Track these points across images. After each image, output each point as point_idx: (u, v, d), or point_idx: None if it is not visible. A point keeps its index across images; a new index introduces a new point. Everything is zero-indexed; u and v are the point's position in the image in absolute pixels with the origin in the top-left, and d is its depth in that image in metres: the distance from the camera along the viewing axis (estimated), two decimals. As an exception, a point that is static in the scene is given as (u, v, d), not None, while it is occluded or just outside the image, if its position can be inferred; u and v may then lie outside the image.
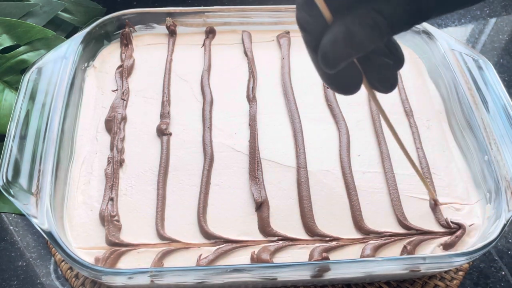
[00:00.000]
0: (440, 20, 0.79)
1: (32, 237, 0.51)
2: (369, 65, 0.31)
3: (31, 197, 0.41)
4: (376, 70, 0.31)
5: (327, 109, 0.54)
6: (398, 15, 0.26)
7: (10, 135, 0.44)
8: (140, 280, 0.39)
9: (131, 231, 0.43)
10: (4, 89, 0.56)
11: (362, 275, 0.43)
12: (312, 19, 0.28)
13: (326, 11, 0.27)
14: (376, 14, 0.26)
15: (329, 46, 0.27)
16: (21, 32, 0.57)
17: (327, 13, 0.27)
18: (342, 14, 0.27)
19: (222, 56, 0.59)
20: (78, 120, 0.51)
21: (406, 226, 0.44)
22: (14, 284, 0.48)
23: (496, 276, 0.50)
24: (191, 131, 0.51)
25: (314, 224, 0.44)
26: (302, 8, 0.28)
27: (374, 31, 0.26)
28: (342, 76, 0.30)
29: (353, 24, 0.26)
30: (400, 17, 0.26)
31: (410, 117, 0.53)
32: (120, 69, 0.56)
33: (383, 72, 0.31)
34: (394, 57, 0.31)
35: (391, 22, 0.26)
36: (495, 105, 0.49)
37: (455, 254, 0.40)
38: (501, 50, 0.75)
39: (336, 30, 0.27)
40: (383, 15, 0.26)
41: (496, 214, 0.43)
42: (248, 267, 0.39)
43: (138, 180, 0.47)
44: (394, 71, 0.32)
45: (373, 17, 0.26)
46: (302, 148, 0.50)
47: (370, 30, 0.26)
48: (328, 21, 0.27)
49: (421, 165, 0.49)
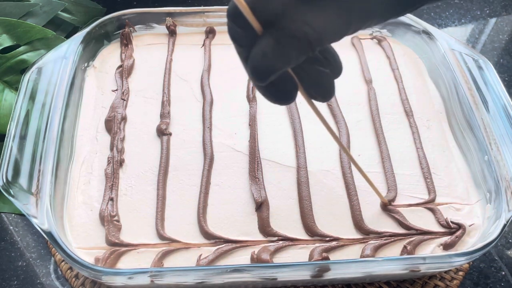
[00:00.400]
0: (440, 20, 0.79)
1: (32, 237, 0.51)
2: (304, 74, 0.30)
3: (31, 197, 0.41)
4: (312, 79, 0.31)
5: (327, 109, 0.54)
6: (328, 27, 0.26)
7: (10, 135, 0.44)
8: (140, 280, 0.39)
9: (131, 231, 0.43)
10: (4, 89, 0.56)
11: (362, 275, 0.43)
12: (242, 31, 0.27)
13: (255, 23, 0.26)
14: (305, 26, 0.25)
15: (258, 59, 0.26)
16: (21, 32, 0.57)
17: (257, 25, 0.26)
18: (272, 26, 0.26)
19: (222, 56, 0.59)
20: (78, 120, 0.51)
21: (406, 226, 0.44)
22: (14, 284, 0.48)
23: (496, 276, 0.50)
24: (191, 131, 0.51)
25: (314, 224, 0.44)
26: (232, 19, 0.27)
27: (303, 43, 0.26)
28: (277, 86, 0.30)
29: (282, 36, 0.26)
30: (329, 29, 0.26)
31: (410, 117, 0.53)
32: (120, 69, 0.56)
33: (319, 81, 0.31)
34: (331, 66, 0.31)
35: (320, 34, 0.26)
36: (495, 105, 0.49)
37: (455, 254, 0.40)
38: (501, 50, 0.75)
39: (265, 42, 0.26)
40: (312, 27, 0.25)
41: (496, 214, 0.43)
42: (248, 267, 0.39)
43: (138, 180, 0.47)
44: (331, 80, 0.31)
45: (302, 29, 0.25)
46: (302, 148, 0.50)
47: (299, 42, 0.26)
48: (258, 33, 0.27)
49: (421, 165, 0.49)
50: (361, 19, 0.26)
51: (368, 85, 0.56)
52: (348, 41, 0.62)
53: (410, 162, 0.49)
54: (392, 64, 0.59)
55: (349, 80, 0.57)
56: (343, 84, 0.56)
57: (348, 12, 0.26)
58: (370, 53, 0.60)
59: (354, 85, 0.57)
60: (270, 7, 0.26)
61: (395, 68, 0.58)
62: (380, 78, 0.57)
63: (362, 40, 0.61)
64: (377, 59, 0.60)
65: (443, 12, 0.81)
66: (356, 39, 0.61)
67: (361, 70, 0.58)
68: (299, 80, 0.30)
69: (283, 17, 0.26)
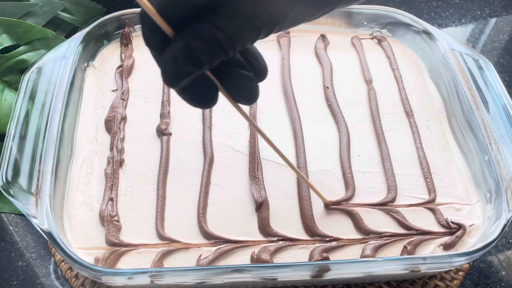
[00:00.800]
0: (441, 20, 0.79)
1: (32, 237, 0.51)
2: (225, 77, 0.30)
3: (31, 197, 0.41)
4: (233, 82, 0.30)
5: (327, 109, 0.54)
6: (238, 30, 0.26)
7: (10, 135, 0.44)
8: (140, 280, 0.39)
9: (131, 231, 0.43)
10: (4, 89, 0.56)
11: (362, 275, 0.43)
12: (155, 34, 0.26)
13: (166, 27, 0.26)
14: (215, 29, 0.25)
15: (168, 63, 0.26)
16: (21, 32, 0.57)
17: (167, 29, 0.26)
18: (183, 29, 0.26)
19: (222, 56, 0.59)
20: (78, 120, 0.51)
21: (406, 226, 0.44)
22: (14, 284, 0.48)
23: (496, 276, 0.50)
24: (191, 131, 0.51)
25: (314, 224, 0.44)
26: (143, 23, 0.27)
27: (214, 47, 0.25)
28: (195, 89, 0.29)
29: (192, 40, 0.25)
30: (239, 32, 0.26)
31: (410, 117, 0.53)
32: (120, 69, 0.56)
33: (241, 85, 0.30)
34: (254, 69, 0.30)
35: (231, 38, 0.26)
36: (495, 105, 0.49)
37: (455, 254, 0.40)
38: (501, 50, 0.75)
39: (175, 46, 0.26)
40: (222, 31, 0.25)
41: (496, 214, 0.43)
42: (248, 267, 0.39)
43: (138, 180, 0.47)
44: (255, 83, 0.31)
45: (212, 33, 0.25)
46: (302, 148, 0.49)
47: (210, 46, 0.25)
48: (170, 36, 0.26)
49: (421, 165, 0.49)
50: (270, 23, 0.26)
51: (368, 85, 0.56)
52: (348, 41, 0.62)
53: (410, 162, 0.49)
54: (392, 64, 0.59)
55: (349, 80, 0.57)
56: (343, 84, 0.56)
57: (257, 17, 0.26)
58: (370, 53, 0.60)
59: (354, 85, 0.57)
60: (178, 11, 0.25)
61: (395, 68, 0.58)
62: (380, 78, 0.57)
63: (362, 40, 0.61)
64: (377, 59, 0.60)
65: (443, 12, 0.80)
66: (356, 39, 0.61)
67: (361, 70, 0.58)
68: (221, 83, 0.30)
69: (193, 20, 0.25)
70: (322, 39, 0.61)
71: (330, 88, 0.55)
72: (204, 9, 0.25)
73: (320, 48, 0.60)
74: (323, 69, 0.58)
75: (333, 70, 0.58)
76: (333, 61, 0.58)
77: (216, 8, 0.25)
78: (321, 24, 0.62)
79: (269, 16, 0.26)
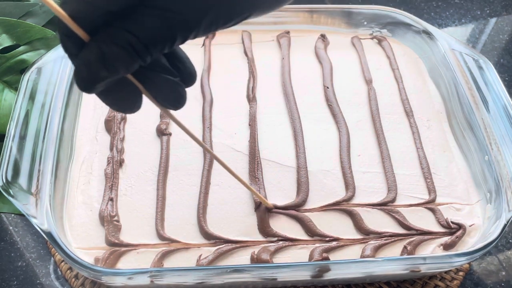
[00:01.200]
0: (441, 20, 0.79)
1: (31, 237, 0.51)
2: (149, 82, 0.29)
3: (31, 197, 0.41)
4: (159, 87, 0.30)
5: (327, 109, 0.54)
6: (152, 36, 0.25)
7: (9, 135, 0.44)
8: (140, 280, 0.39)
9: (131, 231, 0.43)
10: (3, 89, 0.56)
11: (362, 275, 0.43)
12: (71, 39, 0.26)
13: (80, 32, 0.25)
14: (128, 34, 0.25)
15: (81, 68, 0.26)
16: (20, 32, 0.57)
17: (82, 34, 0.25)
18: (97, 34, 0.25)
19: (222, 56, 0.59)
20: (78, 120, 0.51)
21: (406, 227, 0.44)
22: (13, 284, 0.48)
23: (497, 276, 0.50)
24: (191, 131, 0.51)
25: (314, 224, 0.44)
26: (59, 28, 0.26)
27: (128, 52, 0.25)
28: (115, 94, 0.29)
29: (105, 45, 0.25)
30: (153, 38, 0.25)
31: (410, 117, 0.53)
32: (120, 69, 0.56)
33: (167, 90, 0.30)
34: (180, 74, 0.30)
35: (145, 43, 0.25)
36: (495, 105, 0.49)
37: (455, 254, 0.40)
38: (502, 50, 0.75)
39: (89, 51, 0.25)
40: (136, 35, 0.25)
41: (496, 214, 0.43)
42: (248, 267, 0.39)
43: (138, 180, 0.47)
44: (181, 89, 0.31)
45: (125, 38, 0.25)
46: (302, 148, 0.49)
47: (124, 52, 0.25)
48: (86, 41, 0.26)
49: (421, 165, 0.49)
50: (183, 30, 0.26)
51: (368, 85, 0.56)
52: (348, 41, 0.62)
53: (410, 162, 0.49)
54: (392, 64, 0.59)
55: (349, 80, 0.57)
56: (343, 84, 0.56)
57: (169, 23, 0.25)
58: (370, 53, 0.60)
59: (354, 85, 0.57)
60: (92, 16, 0.25)
61: (395, 68, 0.58)
62: (380, 78, 0.57)
63: (362, 40, 0.61)
64: (377, 59, 0.60)
65: (443, 12, 0.80)
66: (356, 39, 0.61)
67: (361, 70, 0.58)
68: (146, 88, 0.30)
69: (107, 25, 0.25)
70: (322, 39, 0.61)
71: (330, 88, 0.55)
72: (118, 14, 0.25)
73: (320, 48, 0.60)
74: (323, 69, 0.58)
75: (333, 70, 0.58)
76: (333, 61, 0.58)
77: (130, 14, 0.25)
78: (321, 24, 0.62)
79: (182, 22, 0.26)
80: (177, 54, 0.30)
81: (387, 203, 0.46)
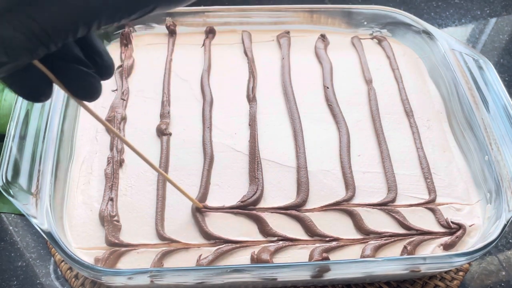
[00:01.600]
0: (441, 20, 0.79)
1: (31, 237, 0.51)
2: (62, 72, 0.29)
3: (31, 197, 0.41)
4: (71, 78, 0.30)
5: (327, 109, 0.54)
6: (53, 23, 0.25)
7: (9, 135, 0.44)
8: (140, 280, 0.39)
9: (131, 231, 0.43)
10: (3, 89, 0.56)
11: (362, 275, 0.43)
12: None
13: None
14: (29, 20, 0.24)
15: None
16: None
17: None
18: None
19: (222, 56, 0.59)
20: (78, 120, 0.51)
21: (406, 227, 0.44)
22: (13, 284, 0.48)
23: (497, 276, 0.50)
24: (191, 131, 0.51)
25: (314, 224, 0.44)
26: None
27: (29, 38, 0.25)
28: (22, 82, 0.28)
29: (5, 31, 0.24)
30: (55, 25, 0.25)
31: (410, 117, 0.53)
32: (120, 69, 0.56)
33: (80, 81, 0.30)
34: (96, 66, 0.30)
35: (46, 31, 0.25)
36: (495, 105, 0.49)
37: (455, 254, 0.40)
38: (502, 50, 0.75)
39: None
40: (37, 22, 0.24)
41: (496, 214, 0.43)
42: (248, 267, 0.39)
43: (138, 180, 0.47)
44: (95, 81, 0.30)
45: (26, 23, 0.24)
46: (302, 148, 0.49)
47: (25, 38, 0.25)
48: None
49: (421, 165, 0.49)
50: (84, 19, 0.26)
51: (368, 85, 0.56)
52: (348, 41, 0.62)
53: (410, 162, 0.49)
54: (392, 64, 0.59)
55: (349, 80, 0.57)
56: (343, 84, 0.56)
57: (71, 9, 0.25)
58: (370, 53, 0.60)
59: (354, 85, 0.57)
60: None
61: (395, 68, 0.58)
62: (380, 78, 0.57)
63: (362, 40, 0.61)
64: (377, 59, 0.60)
65: (443, 12, 0.80)
66: (356, 39, 0.61)
67: (361, 70, 0.58)
68: (58, 78, 0.29)
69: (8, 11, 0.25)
70: (322, 39, 0.61)
71: (330, 88, 0.55)
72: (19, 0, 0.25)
73: (320, 48, 0.60)
74: (323, 69, 0.58)
75: (333, 70, 0.58)
76: (333, 61, 0.58)
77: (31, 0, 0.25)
78: (321, 24, 0.62)
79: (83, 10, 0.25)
80: (94, 46, 0.30)
81: (387, 203, 0.46)
